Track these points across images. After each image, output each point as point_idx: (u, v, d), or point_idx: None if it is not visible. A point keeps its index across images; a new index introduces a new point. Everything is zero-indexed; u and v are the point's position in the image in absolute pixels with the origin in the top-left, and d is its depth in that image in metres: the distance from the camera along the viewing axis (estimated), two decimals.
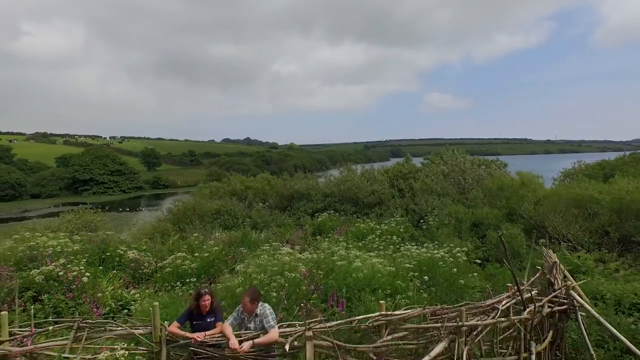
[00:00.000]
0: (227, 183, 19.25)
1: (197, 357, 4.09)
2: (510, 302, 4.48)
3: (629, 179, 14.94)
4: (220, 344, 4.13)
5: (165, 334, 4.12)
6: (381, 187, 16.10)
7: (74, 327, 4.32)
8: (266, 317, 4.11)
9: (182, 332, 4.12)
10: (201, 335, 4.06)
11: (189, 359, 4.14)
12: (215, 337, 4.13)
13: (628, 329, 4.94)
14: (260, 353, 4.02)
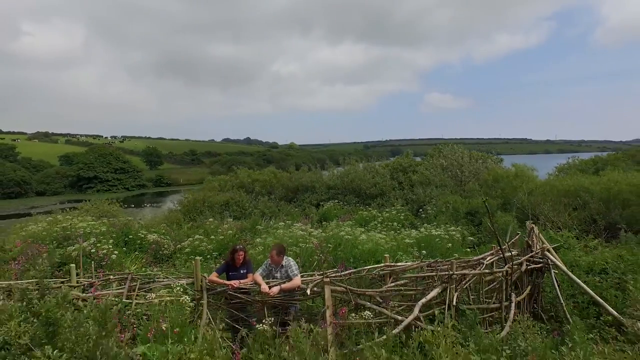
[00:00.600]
0: (234, 176, 20.09)
1: (232, 302, 4.93)
2: (494, 258, 5.33)
3: (618, 172, 15.77)
4: (250, 291, 4.97)
5: (205, 283, 4.96)
6: (382, 179, 16.95)
7: (128, 278, 5.16)
8: (290, 267, 4.96)
9: (220, 280, 4.97)
10: (236, 283, 4.90)
11: (225, 304, 4.98)
12: (247, 285, 4.97)
13: (595, 286, 5.77)
14: (285, 297, 4.86)
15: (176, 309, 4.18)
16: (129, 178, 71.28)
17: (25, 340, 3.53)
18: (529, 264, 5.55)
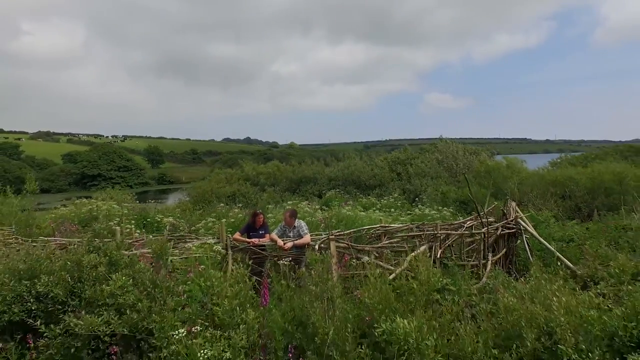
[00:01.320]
0: (240, 169, 21.06)
1: (253, 257, 5.88)
2: (473, 223, 6.28)
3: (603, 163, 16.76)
4: (267, 248, 5.93)
5: (230, 241, 5.91)
6: (381, 171, 17.92)
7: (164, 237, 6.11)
8: (301, 227, 5.92)
9: (242, 239, 5.92)
10: (255, 241, 5.85)
11: (248, 258, 5.93)
12: (265, 242, 5.92)
13: (561, 250, 6.71)
14: (296, 252, 5.81)
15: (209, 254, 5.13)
16: (132, 176, 72.33)
17: (102, 270, 4.49)
18: (504, 229, 6.50)
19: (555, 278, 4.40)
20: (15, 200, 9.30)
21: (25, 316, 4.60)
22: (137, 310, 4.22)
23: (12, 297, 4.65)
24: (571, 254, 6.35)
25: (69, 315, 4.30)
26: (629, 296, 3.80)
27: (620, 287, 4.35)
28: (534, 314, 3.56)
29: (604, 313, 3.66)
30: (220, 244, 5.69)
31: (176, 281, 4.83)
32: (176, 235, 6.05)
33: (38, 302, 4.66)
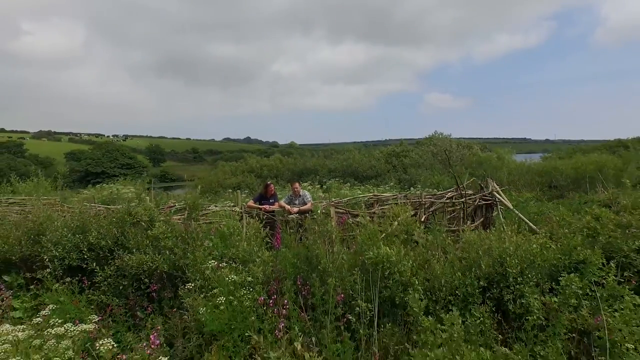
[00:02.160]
0: (244, 162, 22.08)
1: (265, 221, 6.87)
2: (454, 194, 7.27)
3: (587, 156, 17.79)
4: (277, 213, 6.92)
5: (245, 208, 6.91)
6: (378, 162, 18.93)
7: (188, 206, 7.11)
8: (306, 196, 6.92)
9: (256, 205, 6.92)
10: (267, 207, 6.84)
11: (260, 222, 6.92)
12: (275, 209, 6.92)
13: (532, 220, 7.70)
14: (302, 217, 6.80)
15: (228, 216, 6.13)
16: (135, 173, 73.36)
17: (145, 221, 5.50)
18: (481, 201, 7.50)
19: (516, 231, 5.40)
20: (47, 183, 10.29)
21: (80, 262, 5.62)
22: (175, 253, 5.23)
23: (70, 247, 5.68)
24: (540, 222, 7.33)
25: (119, 257, 5.32)
26: (565, 238, 4.79)
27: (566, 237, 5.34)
28: (490, 247, 4.55)
29: (545, 249, 4.65)
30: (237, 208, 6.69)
31: (203, 234, 5.84)
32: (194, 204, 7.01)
33: (90, 251, 5.69)
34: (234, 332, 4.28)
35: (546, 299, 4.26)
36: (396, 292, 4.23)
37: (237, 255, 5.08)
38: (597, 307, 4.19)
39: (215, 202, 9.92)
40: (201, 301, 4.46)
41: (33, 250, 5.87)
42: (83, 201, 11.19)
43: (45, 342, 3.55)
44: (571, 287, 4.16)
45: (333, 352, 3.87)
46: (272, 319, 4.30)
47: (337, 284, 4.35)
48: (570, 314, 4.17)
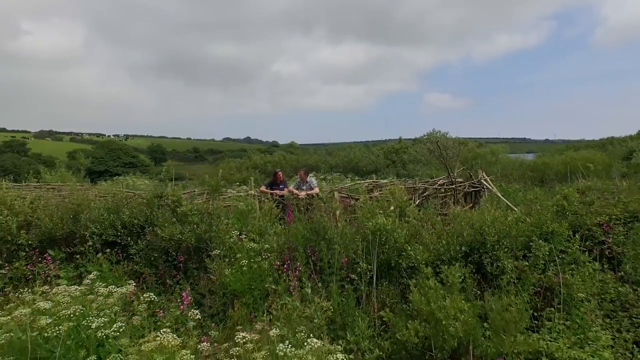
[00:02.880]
0: (248, 159, 22.88)
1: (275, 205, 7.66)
2: (445, 181, 8.07)
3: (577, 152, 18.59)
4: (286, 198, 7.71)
5: (257, 192, 7.69)
6: (377, 158, 19.73)
7: (206, 191, 7.89)
8: (312, 182, 7.71)
9: (267, 190, 7.70)
10: (277, 192, 7.63)
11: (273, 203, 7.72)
12: (284, 194, 7.70)
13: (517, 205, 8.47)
14: (309, 200, 7.59)
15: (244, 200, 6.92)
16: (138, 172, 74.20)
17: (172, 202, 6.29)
18: (470, 188, 8.29)
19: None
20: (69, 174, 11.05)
21: (115, 237, 6.40)
22: (200, 227, 6.01)
23: (107, 225, 6.46)
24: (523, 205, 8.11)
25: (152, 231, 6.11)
26: (537, 213, 5.57)
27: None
28: (472, 219, 5.34)
29: (519, 222, 5.44)
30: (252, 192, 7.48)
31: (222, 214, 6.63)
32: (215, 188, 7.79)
33: (123, 228, 6.48)
34: (253, 291, 5.07)
35: (518, 263, 5.05)
36: (392, 256, 5.02)
37: (253, 229, 5.87)
38: (561, 269, 4.98)
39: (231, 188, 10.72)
40: (225, 266, 5.26)
41: (73, 228, 6.64)
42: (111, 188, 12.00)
43: (96, 299, 4.32)
44: (539, 252, 4.95)
45: (338, 303, 4.65)
46: (286, 280, 5.08)
47: (341, 250, 5.14)
48: (539, 274, 4.97)
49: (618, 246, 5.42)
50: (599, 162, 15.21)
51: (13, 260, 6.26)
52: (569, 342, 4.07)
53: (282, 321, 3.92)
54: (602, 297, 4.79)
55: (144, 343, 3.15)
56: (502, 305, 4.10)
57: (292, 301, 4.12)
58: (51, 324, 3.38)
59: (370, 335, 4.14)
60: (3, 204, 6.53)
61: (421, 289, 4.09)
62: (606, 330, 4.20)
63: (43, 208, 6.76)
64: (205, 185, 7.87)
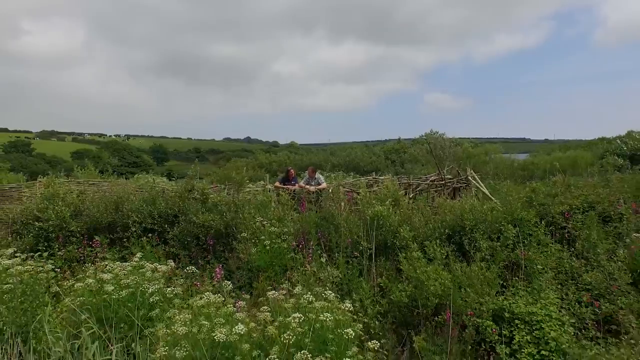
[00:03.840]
0: (254, 158, 24.04)
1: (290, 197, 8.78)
2: (436, 177, 9.18)
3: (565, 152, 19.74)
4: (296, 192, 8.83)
5: (272, 187, 8.81)
6: (378, 158, 20.86)
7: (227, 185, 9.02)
8: (320, 178, 8.82)
9: (280, 185, 8.82)
10: (290, 187, 8.75)
11: None
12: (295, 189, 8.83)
13: None
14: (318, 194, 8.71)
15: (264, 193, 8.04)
16: (142, 171, 75.41)
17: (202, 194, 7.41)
18: (458, 183, 9.41)
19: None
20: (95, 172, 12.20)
21: (153, 225, 7.52)
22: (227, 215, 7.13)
23: (145, 214, 7.58)
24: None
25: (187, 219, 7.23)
26: (509, 203, 6.68)
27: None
28: (453, 206, 6.47)
29: (493, 210, 6.56)
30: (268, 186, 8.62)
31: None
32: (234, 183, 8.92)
33: (160, 217, 7.59)
34: (275, 266, 6.19)
35: (491, 243, 6.17)
36: (387, 237, 6.14)
37: (273, 216, 7.00)
38: (527, 249, 6.10)
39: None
40: (251, 246, 6.38)
41: (115, 217, 7.76)
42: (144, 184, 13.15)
43: (145, 273, 5.41)
44: (508, 234, 6.07)
45: (344, 274, 5.77)
46: (301, 258, 6.20)
47: (346, 233, 6.27)
48: (508, 252, 6.08)
49: (575, 230, 6.53)
50: (582, 161, 16.34)
51: (66, 244, 7.39)
52: (527, 301, 5.18)
53: (301, 284, 5.04)
54: (558, 269, 5.90)
55: (193, 302, 4.27)
56: (473, 273, 5.22)
57: (310, 269, 5.25)
58: (114, 291, 4.43)
59: (371, 296, 5.27)
60: (57, 197, 7.65)
61: (409, 260, 5.22)
62: (556, 293, 5.31)
63: (90, 200, 7.88)
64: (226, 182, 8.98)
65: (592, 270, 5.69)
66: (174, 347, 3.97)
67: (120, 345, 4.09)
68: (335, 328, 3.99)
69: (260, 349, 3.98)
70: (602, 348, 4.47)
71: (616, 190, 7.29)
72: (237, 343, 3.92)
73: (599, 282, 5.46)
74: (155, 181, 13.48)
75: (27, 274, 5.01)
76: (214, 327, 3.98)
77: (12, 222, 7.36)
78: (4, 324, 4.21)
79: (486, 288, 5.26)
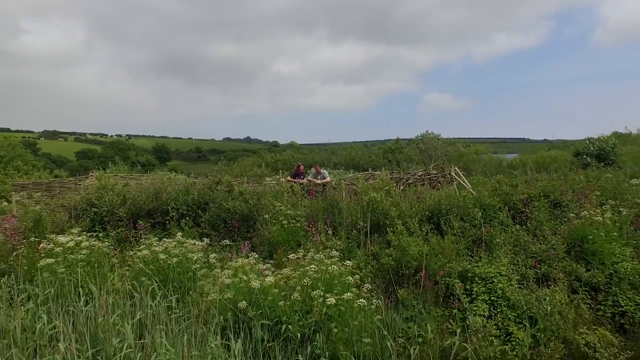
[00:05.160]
0: (261, 157, 25.69)
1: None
2: (423, 173, 10.80)
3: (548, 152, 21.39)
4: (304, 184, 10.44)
5: (285, 180, 10.43)
6: (376, 157, 22.49)
7: (245, 180, 10.64)
8: (325, 174, 10.46)
9: (292, 180, 10.44)
10: (299, 181, 10.37)
11: None
12: (304, 183, 10.45)
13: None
14: (323, 186, 10.31)
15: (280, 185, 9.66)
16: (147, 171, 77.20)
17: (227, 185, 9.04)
18: (442, 178, 11.03)
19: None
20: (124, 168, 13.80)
21: (187, 210, 9.12)
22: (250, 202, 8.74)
23: (181, 202, 9.19)
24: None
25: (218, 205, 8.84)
26: (479, 192, 8.28)
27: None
28: (432, 194, 8.08)
29: (464, 197, 8.17)
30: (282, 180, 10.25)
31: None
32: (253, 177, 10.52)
33: (193, 204, 9.20)
34: (290, 241, 7.81)
35: (462, 223, 7.78)
36: (380, 218, 7.75)
37: (288, 203, 8.62)
38: (490, 227, 7.71)
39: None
40: (272, 225, 8.00)
41: (155, 204, 9.37)
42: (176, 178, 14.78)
43: (187, 246, 7.00)
44: (476, 216, 7.68)
45: (345, 246, 7.38)
46: (312, 235, 7.79)
47: (347, 214, 7.88)
48: (475, 230, 7.69)
49: (532, 213, 8.13)
50: (561, 160, 17.97)
51: (116, 227, 9.00)
52: (485, 265, 6.79)
53: (313, 250, 6.66)
54: (514, 243, 7.50)
55: (232, 264, 5.90)
56: (445, 244, 6.84)
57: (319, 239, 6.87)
58: (166, 259, 6.01)
59: (365, 260, 6.88)
60: (108, 188, 9.28)
61: (395, 232, 6.84)
62: (509, 259, 6.93)
63: (134, 191, 9.50)
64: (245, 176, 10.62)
65: (539, 243, 7.29)
66: (222, 293, 5.61)
67: (175, 297, 5.68)
68: (339, 276, 5.63)
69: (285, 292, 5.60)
70: (534, 294, 6.08)
71: (569, 182, 8.92)
72: (269, 288, 5.57)
73: (542, 251, 7.06)
74: (175, 177, 15.10)
75: (96, 247, 6.65)
76: (250, 279, 5.63)
77: (73, 208, 8.97)
78: (85, 283, 5.74)
79: (454, 256, 6.87)
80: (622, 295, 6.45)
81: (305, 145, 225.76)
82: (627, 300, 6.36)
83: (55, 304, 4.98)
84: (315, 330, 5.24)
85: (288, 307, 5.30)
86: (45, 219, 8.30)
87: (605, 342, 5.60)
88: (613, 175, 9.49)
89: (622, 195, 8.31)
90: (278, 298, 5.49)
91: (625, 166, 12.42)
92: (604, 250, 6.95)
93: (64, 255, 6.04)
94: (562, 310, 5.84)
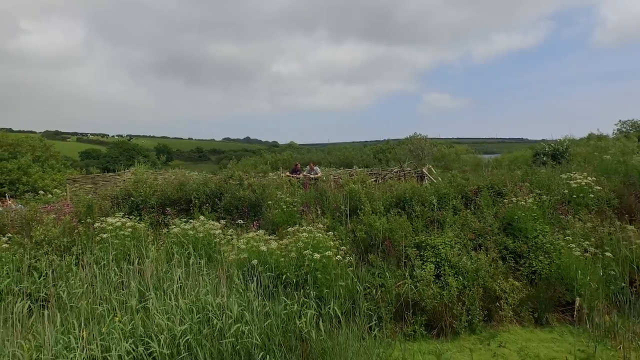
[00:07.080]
0: (262, 157, 27.92)
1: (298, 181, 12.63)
2: (399, 169, 13.03)
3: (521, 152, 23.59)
4: (300, 178, 12.67)
5: (285, 175, 12.66)
6: (367, 157, 24.73)
7: (252, 176, 12.88)
8: (317, 170, 12.71)
9: (290, 175, 12.67)
10: (296, 176, 12.59)
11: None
12: (300, 177, 12.67)
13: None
14: (316, 180, 12.54)
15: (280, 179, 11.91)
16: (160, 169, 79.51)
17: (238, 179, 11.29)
18: (415, 174, 13.25)
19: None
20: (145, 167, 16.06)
21: (206, 199, 11.35)
22: (257, 191, 10.97)
23: (200, 192, 11.42)
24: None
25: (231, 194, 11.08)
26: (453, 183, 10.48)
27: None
28: (400, 186, 10.31)
29: (424, 189, 10.39)
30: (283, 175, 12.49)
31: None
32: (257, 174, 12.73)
33: (211, 194, 11.44)
34: (289, 222, 10.03)
35: (422, 208, 10.00)
36: (357, 203, 9.99)
37: (287, 193, 10.86)
38: (444, 211, 9.96)
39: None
40: (274, 209, 10.23)
41: (179, 195, 11.59)
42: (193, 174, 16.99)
43: (210, 226, 9.21)
44: (433, 202, 9.92)
45: (330, 224, 9.60)
46: (305, 217, 10.00)
47: (333, 201, 10.12)
48: (432, 213, 9.91)
49: (480, 201, 10.36)
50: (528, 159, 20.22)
51: (149, 213, 11.22)
52: (436, 238, 9.02)
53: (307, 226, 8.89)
54: (462, 223, 9.72)
55: (246, 235, 8.16)
56: (405, 223, 9.07)
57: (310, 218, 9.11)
58: (194, 234, 8.25)
59: (346, 234, 9.12)
60: (142, 181, 11.51)
61: (364, 213, 9.09)
62: (454, 234, 9.16)
63: (163, 184, 11.73)
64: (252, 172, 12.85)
65: (479, 222, 9.53)
66: (239, 255, 7.84)
67: (204, 260, 7.90)
68: (324, 241, 7.87)
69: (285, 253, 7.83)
70: (470, 257, 8.31)
71: (509, 177, 11.18)
72: (273, 251, 7.81)
73: (481, 228, 9.30)
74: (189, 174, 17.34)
75: (137, 227, 8.89)
76: (259, 245, 7.88)
77: (115, 197, 11.20)
78: (130, 250, 7.97)
79: (412, 231, 9.11)
80: (536, 259, 8.68)
81: (304, 145, 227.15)
82: (538, 263, 8.58)
83: (114, 265, 7.24)
84: (306, 279, 7.46)
85: (287, 262, 7.51)
86: (94, 206, 10.53)
87: (512, 287, 7.84)
88: (546, 171, 11.74)
89: (549, 186, 10.56)
90: (279, 257, 7.72)
91: (571, 164, 14.57)
92: (528, 227, 9.19)
93: (115, 232, 8.29)
94: (485, 267, 8.08)
